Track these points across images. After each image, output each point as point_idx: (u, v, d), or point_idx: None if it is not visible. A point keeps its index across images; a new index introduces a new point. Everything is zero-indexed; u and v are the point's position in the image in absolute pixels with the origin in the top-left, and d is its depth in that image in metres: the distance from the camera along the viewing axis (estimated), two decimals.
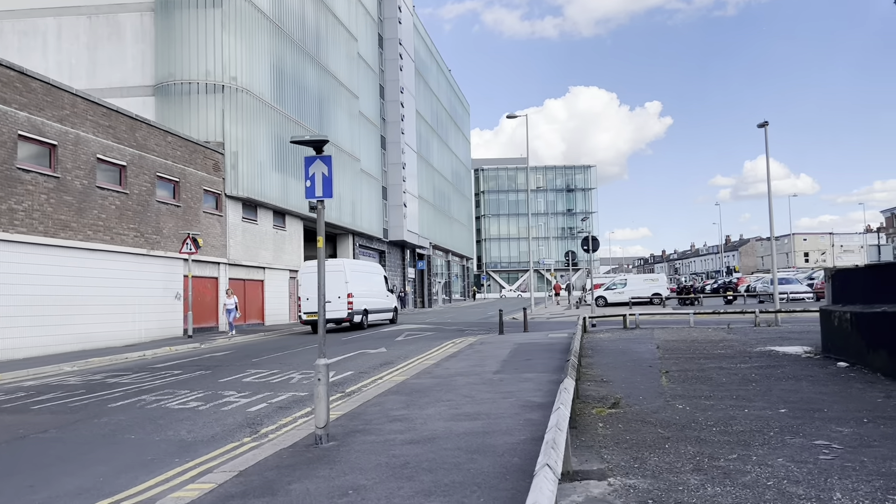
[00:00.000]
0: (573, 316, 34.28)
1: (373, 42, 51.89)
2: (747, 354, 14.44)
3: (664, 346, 16.87)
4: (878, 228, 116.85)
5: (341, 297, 26.92)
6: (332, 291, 26.26)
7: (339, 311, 26.97)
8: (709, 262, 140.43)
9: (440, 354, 17.36)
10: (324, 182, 7.87)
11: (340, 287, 26.85)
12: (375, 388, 12.07)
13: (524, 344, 19.02)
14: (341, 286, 26.91)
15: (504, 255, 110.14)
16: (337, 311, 26.87)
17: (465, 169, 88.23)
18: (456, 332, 26.13)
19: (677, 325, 24.28)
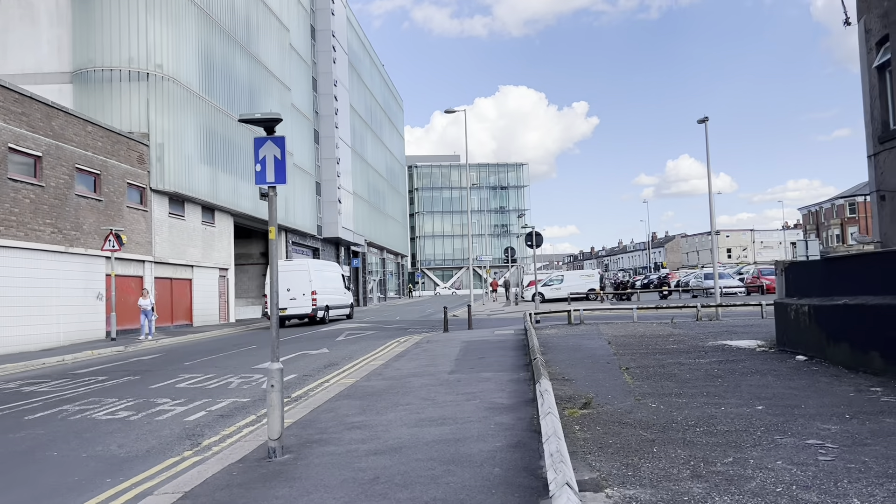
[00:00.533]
0: (514, 313, 34.04)
1: (305, 33, 50.49)
2: (701, 349, 14.28)
3: (615, 341, 16.62)
4: (796, 225, 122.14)
5: (306, 295, 28.96)
6: (298, 289, 28.65)
7: (304, 308, 28.98)
8: (636, 259, 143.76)
9: (387, 354, 16.64)
10: (276, 166, 7.08)
11: (305, 285, 28.95)
12: (324, 392, 11.27)
13: (473, 342, 18.48)
14: (306, 284, 28.99)
15: (438, 253, 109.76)
16: (302, 308, 28.92)
17: (399, 165, 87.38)
18: (398, 330, 25.42)
19: (621, 320, 24.23)
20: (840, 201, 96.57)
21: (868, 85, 14.62)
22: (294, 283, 28.95)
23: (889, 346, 9.43)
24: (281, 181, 7.06)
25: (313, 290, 29.23)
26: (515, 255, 42.73)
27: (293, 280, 29.00)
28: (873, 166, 14.49)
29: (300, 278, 29.01)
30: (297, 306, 28.82)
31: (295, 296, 28.86)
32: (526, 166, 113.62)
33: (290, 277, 28.93)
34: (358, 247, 61.71)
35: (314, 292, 29.23)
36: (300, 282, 28.96)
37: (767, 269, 41.46)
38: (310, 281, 29.21)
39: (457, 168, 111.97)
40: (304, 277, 29.19)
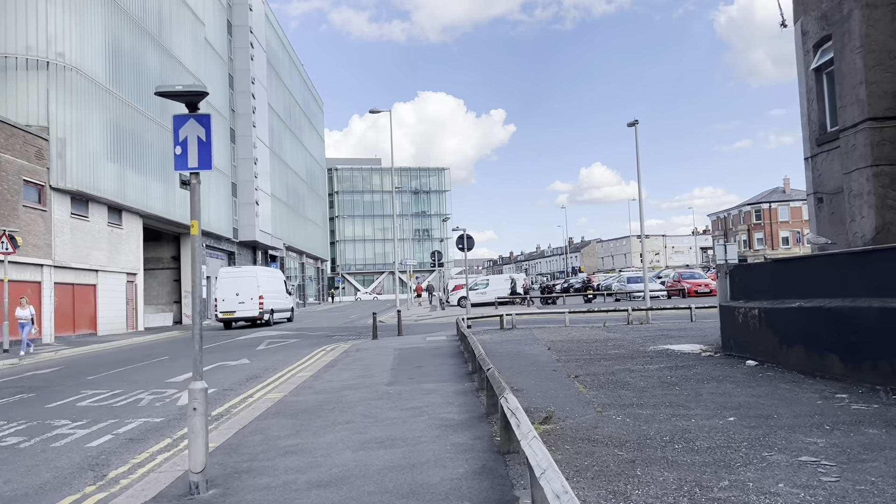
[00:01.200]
0: (441, 318, 33.29)
1: (221, 28, 48.36)
2: (644, 354, 13.85)
3: (554, 346, 16.05)
4: (704, 231, 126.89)
5: (253, 299, 31.05)
6: (246, 293, 30.95)
7: (252, 311, 31.17)
8: (553, 263, 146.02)
9: (315, 364, 15.50)
10: (200, 148, 6.01)
11: (253, 290, 31.13)
12: (249, 409, 10.12)
13: (406, 349, 17.55)
14: (254, 289, 31.19)
15: (359, 257, 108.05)
16: (250, 311, 31.15)
17: (319, 167, 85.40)
18: (323, 338, 24.21)
19: (552, 324, 23.84)
20: (747, 208, 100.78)
21: (805, 87, 14.60)
22: (242, 288, 31.12)
23: (849, 351, 9.12)
24: (206, 166, 6.00)
25: (260, 294, 31.23)
26: (442, 259, 42.04)
27: (242, 285, 31.20)
28: (810, 169, 14.47)
29: (248, 283, 31.23)
30: (245, 309, 31.03)
31: (243, 300, 31.00)
32: (447, 171, 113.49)
33: (239, 283, 31.33)
34: (276, 251, 59.66)
35: (261, 297, 31.23)
36: (248, 287, 31.11)
37: (688, 273, 42.37)
38: (257, 286, 31.35)
39: (378, 171, 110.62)
40: (253, 283, 31.43)
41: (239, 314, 31.26)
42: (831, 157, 13.66)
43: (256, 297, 31.13)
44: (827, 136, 13.81)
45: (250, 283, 31.45)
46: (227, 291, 31.27)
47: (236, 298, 31.04)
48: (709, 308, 23.88)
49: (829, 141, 13.71)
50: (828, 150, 13.78)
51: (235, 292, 31.11)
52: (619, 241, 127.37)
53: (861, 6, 11.59)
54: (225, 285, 31.52)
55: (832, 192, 13.64)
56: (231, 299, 31.18)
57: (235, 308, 31.09)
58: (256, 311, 31.17)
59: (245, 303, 31.00)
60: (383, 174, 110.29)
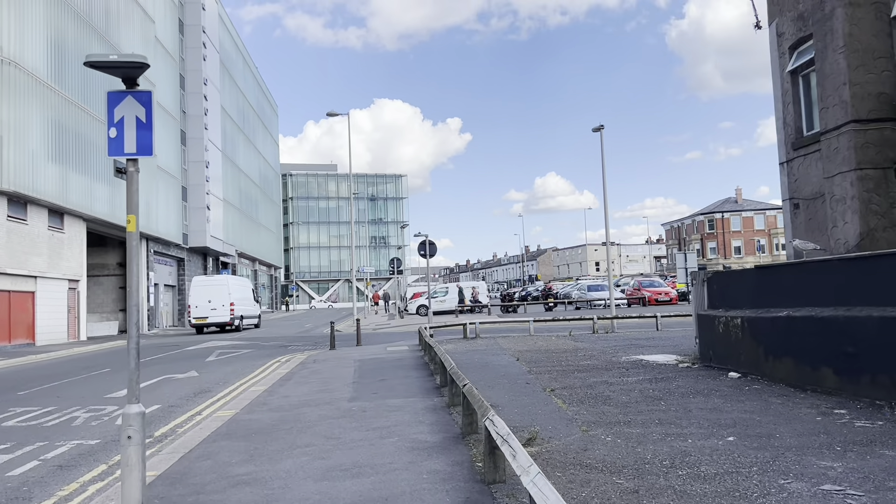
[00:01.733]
0: (401, 326, 32.39)
1: (173, 27, 46.77)
2: (619, 365, 13.24)
3: (523, 357, 15.35)
4: (658, 240, 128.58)
5: (225, 306, 32.92)
6: (218, 300, 32.83)
7: (224, 317, 33.04)
8: (510, 272, 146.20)
9: (269, 377, 14.50)
10: (139, 131, 5.12)
11: (224, 297, 33.02)
12: (197, 429, 9.14)
13: (366, 360, 16.65)
14: (225, 296, 33.06)
15: (314, 265, 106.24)
16: (222, 317, 33.02)
17: (273, 172, 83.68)
18: (277, 348, 23.13)
19: (517, 333, 23.20)
20: (700, 218, 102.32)
21: (780, 90, 14.26)
22: (214, 295, 33.03)
23: (845, 363, 8.60)
24: (146, 151, 5.12)
25: (231, 301, 33.21)
26: (402, 267, 41.15)
27: (214, 292, 33.16)
28: (786, 174, 14.12)
29: (220, 291, 33.29)
30: (217, 315, 32.99)
31: (215, 306, 32.89)
32: (404, 178, 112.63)
33: (211, 290, 33.35)
34: (228, 257, 57.96)
35: (232, 304, 33.21)
36: (220, 294, 33.12)
37: (647, 281, 42.30)
38: (229, 294, 33.35)
39: (334, 178, 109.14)
40: (224, 290, 33.46)
41: (211, 320, 33.14)
42: (809, 161, 13.31)
43: (228, 304, 33.10)
44: (804, 140, 13.46)
45: (222, 290, 33.43)
46: (200, 298, 33.17)
47: (209, 305, 32.96)
48: (674, 317, 23.57)
49: (806, 145, 13.36)
50: (805, 155, 13.44)
51: (208, 299, 33.01)
52: (575, 250, 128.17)
53: (844, 4, 11.23)
54: (198, 293, 33.42)
55: (810, 198, 13.29)
56: (204, 306, 33.02)
57: (208, 314, 33.02)
58: (228, 317, 33.19)
59: (217, 309, 32.96)
60: (339, 180, 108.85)
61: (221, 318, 33.15)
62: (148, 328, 39.95)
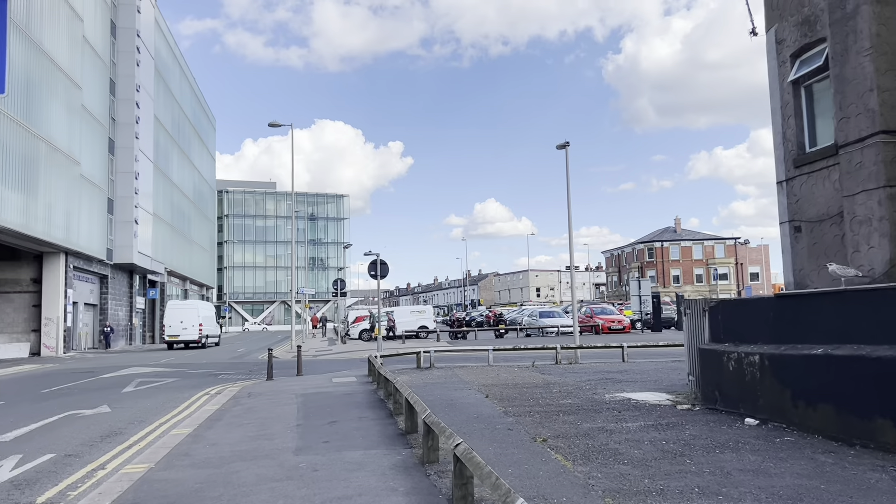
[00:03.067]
0: (344, 353, 30.16)
1: (104, 27, 43.79)
2: (607, 406, 11.54)
3: (492, 393, 13.51)
4: (597, 267, 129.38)
5: (194, 326, 38.18)
6: (189, 321, 38.07)
7: (193, 335, 38.25)
8: (451, 296, 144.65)
9: (195, 416, 12.25)
10: None
11: (195, 319, 38.31)
12: (95, 494, 6.96)
13: (311, 395, 14.52)
14: (195, 318, 38.36)
15: (249, 285, 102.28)
16: (191, 335, 38.20)
17: (209, 188, 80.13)
18: (207, 376, 20.70)
19: (474, 362, 21.37)
20: (640, 246, 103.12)
21: (780, 102, 13.00)
22: (186, 317, 38.39)
23: None
24: None
25: (200, 322, 38.56)
26: (345, 289, 38.87)
27: (185, 314, 38.55)
28: (785, 193, 12.81)
29: (191, 313, 38.69)
30: (187, 334, 38.19)
31: (186, 326, 38.07)
32: (346, 198, 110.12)
33: (183, 312, 38.71)
34: (156, 275, 54.45)
35: (201, 324, 38.61)
36: (190, 316, 38.49)
37: (599, 308, 41.15)
38: (198, 315, 38.84)
39: (272, 196, 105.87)
40: (194, 313, 38.95)
41: (182, 338, 38.33)
42: (814, 179, 12.03)
43: (197, 325, 38.35)
44: (808, 157, 12.19)
45: (192, 313, 38.91)
46: (173, 319, 38.54)
47: (181, 325, 38.10)
48: (640, 347, 22.21)
49: (810, 161, 12.08)
50: (809, 172, 12.15)
51: (180, 320, 38.25)
52: (517, 275, 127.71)
53: (870, 1, 9.98)
54: (172, 314, 38.94)
55: (815, 220, 11.98)
56: (176, 325, 38.21)
57: (180, 333, 38.25)
58: (196, 335, 38.40)
59: (188, 329, 38.15)
60: (278, 198, 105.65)
61: (191, 337, 38.27)
62: (64, 351, 36.46)
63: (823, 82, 12.04)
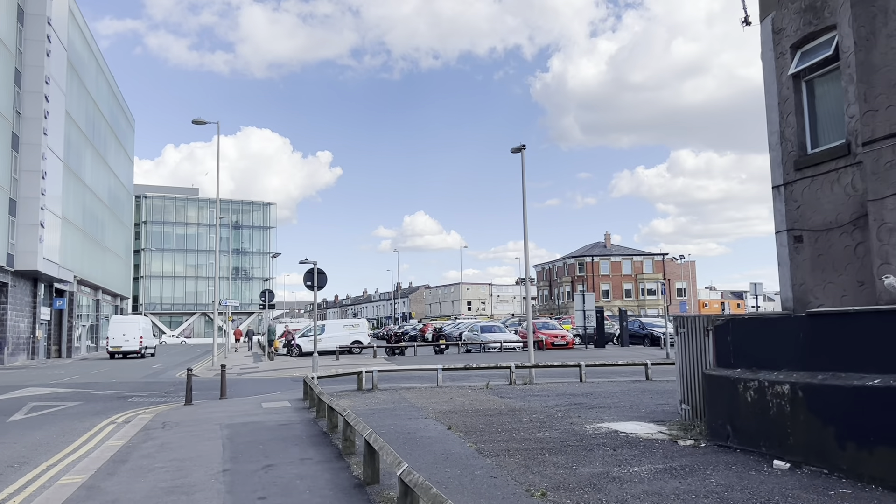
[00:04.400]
0: (272, 371, 27.68)
1: (9, 12, 40.03)
2: (597, 442, 9.87)
3: (453, 423, 11.67)
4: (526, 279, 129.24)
5: (136, 338, 41.69)
6: (130, 334, 41.62)
7: (134, 346, 41.66)
8: (380, 308, 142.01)
9: (96, 454, 9.94)
10: None
11: (136, 332, 41.88)
12: None
13: (238, 426, 12.31)
14: (136, 331, 41.98)
15: (167, 296, 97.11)
16: (133, 346, 41.59)
17: (126, 192, 75.49)
18: (115, 399, 18.08)
19: (422, 382, 19.50)
20: (571, 261, 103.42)
21: (777, 98, 11.73)
22: (128, 330, 42.12)
23: None
24: None
25: (140, 335, 42.34)
26: (273, 300, 36.26)
27: (127, 328, 42.28)
28: (783, 199, 11.51)
29: (132, 327, 42.42)
30: (129, 346, 41.77)
31: (128, 338, 41.66)
32: (273, 206, 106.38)
33: (125, 326, 42.42)
34: (64, 284, 50.17)
35: (141, 337, 42.33)
36: (132, 329, 42.19)
37: (541, 323, 39.83)
38: (139, 329, 42.50)
39: (194, 202, 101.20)
40: (136, 326, 42.58)
41: (125, 349, 41.85)
42: (819, 183, 10.76)
43: (137, 337, 42.03)
44: (812, 158, 10.92)
45: (134, 326, 42.63)
46: (116, 332, 42.27)
47: (123, 337, 41.81)
48: (599, 366, 20.83)
49: (815, 164, 10.81)
50: (813, 176, 10.88)
51: (123, 333, 41.95)
52: (448, 288, 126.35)
53: None
54: (115, 328, 42.73)
55: (821, 229, 10.69)
56: (119, 338, 41.89)
57: (122, 344, 41.80)
58: (137, 346, 41.93)
59: (129, 341, 41.77)
60: (200, 205, 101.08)
61: (132, 348, 41.81)
62: None
63: (830, 75, 10.82)
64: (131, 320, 44.08)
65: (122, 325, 42.59)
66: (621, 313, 39.87)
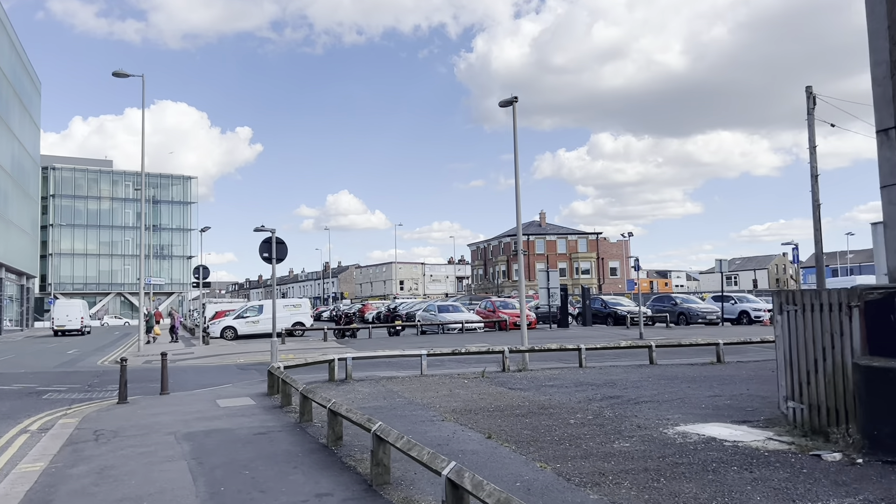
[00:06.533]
0: (208, 357, 24.31)
1: None
2: (702, 454, 7.49)
3: (490, 430, 9.09)
4: (460, 260, 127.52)
5: (77, 318, 47.89)
6: (73, 315, 47.83)
7: (76, 325, 47.58)
8: (308, 288, 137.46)
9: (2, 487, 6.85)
10: None
11: (78, 313, 48.28)
12: None
13: (200, 437, 9.33)
14: (78, 312, 48.35)
15: (79, 275, 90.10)
16: (75, 325, 47.47)
17: (32, 162, 68.87)
18: (25, 396, 14.65)
19: (401, 370, 16.80)
20: (507, 239, 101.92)
21: (888, 18, 9.51)
22: (71, 312, 47.90)
23: None
24: None
25: (82, 315, 48.61)
26: (208, 277, 32.53)
27: (70, 310, 48.10)
28: (891, 145, 9.36)
29: (75, 310, 48.33)
30: (72, 325, 47.24)
31: (71, 319, 47.42)
32: (194, 180, 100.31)
33: (69, 309, 48.36)
34: None
35: (82, 317, 48.62)
36: (75, 311, 48.17)
37: (501, 302, 37.56)
38: (80, 310, 48.78)
39: (107, 175, 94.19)
40: (77, 309, 48.57)
41: (68, 327, 47.15)
42: None
43: (79, 317, 48.01)
44: None
45: (76, 309, 48.51)
46: (61, 313, 47.67)
47: (67, 318, 47.31)
48: (601, 349, 18.59)
49: None
50: None
51: (66, 314, 47.53)
52: (380, 268, 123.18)
53: None
54: (60, 309, 48.37)
55: None
56: (63, 318, 47.33)
57: (66, 323, 47.15)
58: (79, 325, 47.70)
59: (72, 320, 47.40)
60: (115, 178, 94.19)
61: (75, 326, 47.31)
62: None
63: None
64: (73, 304, 50.15)
65: (66, 308, 48.71)
66: (584, 291, 38.05)
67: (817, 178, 21.69)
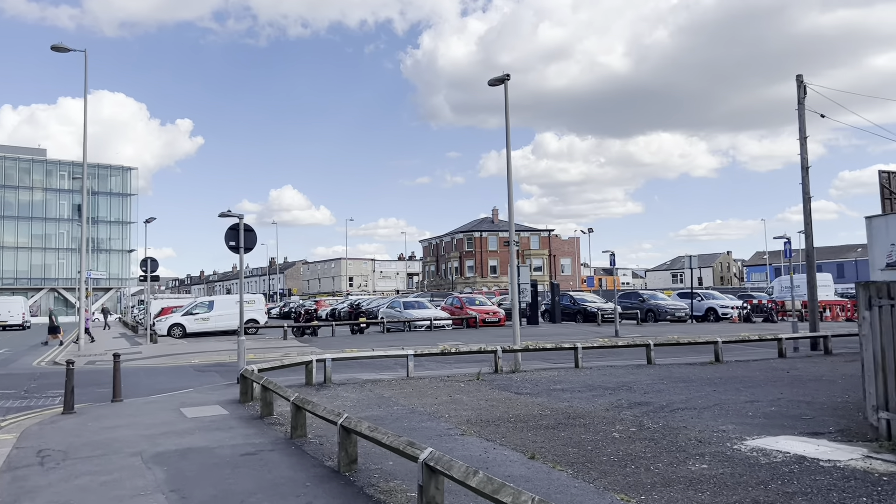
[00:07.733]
0: (159, 357, 22.20)
1: None
2: (797, 476, 6.28)
3: (532, 448, 7.69)
4: (410, 257, 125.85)
5: (19, 314, 49.83)
6: (14, 311, 49.66)
7: (18, 321, 49.26)
8: (253, 285, 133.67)
9: None
10: None
11: (19, 309, 50.20)
12: None
13: (175, 459, 7.62)
14: (19, 308, 50.39)
15: (8, 269, 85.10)
16: (17, 320, 49.19)
17: None
18: None
19: (385, 372, 15.25)
20: (459, 236, 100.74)
21: None
22: (13, 308, 49.87)
23: None
24: None
25: (23, 311, 50.54)
26: (157, 272, 30.11)
27: (12, 306, 50.16)
28: None
29: (15, 305, 50.64)
30: (14, 320, 48.89)
31: (13, 314, 49.30)
32: (134, 171, 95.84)
33: (10, 305, 50.20)
34: None
35: (23, 313, 50.42)
36: (15, 307, 50.21)
37: (468, 298, 36.15)
38: (21, 307, 50.93)
39: (40, 164, 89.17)
40: (18, 305, 50.93)
41: (10, 322, 48.43)
42: None
43: (20, 313, 49.54)
44: None
45: (17, 305, 50.45)
46: (2, 310, 48.68)
47: (8, 313, 48.64)
48: (598, 348, 17.38)
49: None
50: None
51: (8, 310, 48.92)
52: (328, 264, 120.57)
53: None
54: (2, 306, 49.15)
55: None
56: (4, 314, 48.44)
57: (7, 319, 48.43)
58: (20, 321, 49.02)
59: (14, 316, 48.85)
60: (48, 168, 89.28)
61: (16, 321, 48.65)
62: None
63: None
64: (14, 300, 52.19)
65: (7, 304, 50.21)
66: (553, 287, 36.97)
67: (808, 171, 20.98)
